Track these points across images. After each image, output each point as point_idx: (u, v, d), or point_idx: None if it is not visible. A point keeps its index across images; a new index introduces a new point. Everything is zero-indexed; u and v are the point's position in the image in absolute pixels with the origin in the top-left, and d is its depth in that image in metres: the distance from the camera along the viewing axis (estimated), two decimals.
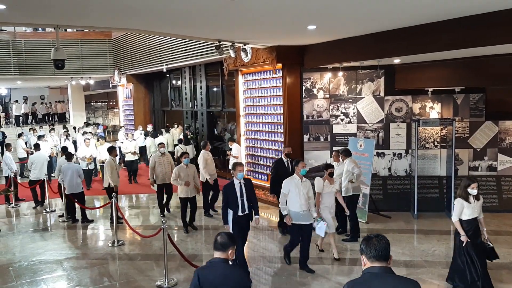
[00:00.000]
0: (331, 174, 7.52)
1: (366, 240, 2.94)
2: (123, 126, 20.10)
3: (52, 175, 13.32)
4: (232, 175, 6.89)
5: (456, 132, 9.92)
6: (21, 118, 27.94)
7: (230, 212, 6.74)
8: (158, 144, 11.42)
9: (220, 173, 12.76)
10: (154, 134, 16.22)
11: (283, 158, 9.10)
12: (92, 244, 9.26)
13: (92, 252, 8.57)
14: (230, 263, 3.67)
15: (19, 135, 17.47)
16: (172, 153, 14.94)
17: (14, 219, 11.22)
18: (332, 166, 7.67)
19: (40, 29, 19.28)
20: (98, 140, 14.52)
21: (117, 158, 10.69)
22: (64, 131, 18.67)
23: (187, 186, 9.24)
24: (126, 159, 14.61)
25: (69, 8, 6.03)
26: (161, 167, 10.36)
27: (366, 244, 2.91)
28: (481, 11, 6.44)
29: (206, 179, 10.38)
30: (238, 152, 12.23)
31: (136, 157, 14.61)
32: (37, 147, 12.65)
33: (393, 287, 2.80)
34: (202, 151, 10.64)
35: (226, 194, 6.77)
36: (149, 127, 17.73)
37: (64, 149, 12.09)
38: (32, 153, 13.51)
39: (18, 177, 13.34)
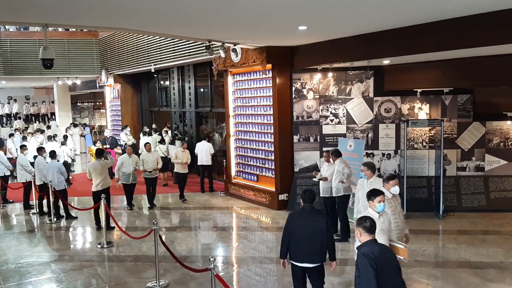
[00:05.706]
0: None
1: (361, 219, 4.23)
2: (126, 126, 17.72)
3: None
4: None
5: (444, 132, 10.02)
6: (4, 118, 27.49)
7: None
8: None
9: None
10: (149, 133, 15.96)
11: None
12: (81, 245, 9.17)
13: (81, 253, 8.47)
14: None
15: (10, 135, 17.17)
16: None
17: (1, 221, 11.04)
18: None
19: (22, 28, 18.93)
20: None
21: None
22: (54, 134, 18.29)
23: None
24: (175, 170, 12.23)
25: (59, 6, 5.95)
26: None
27: (360, 220, 4.23)
28: (470, 13, 6.51)
29: None
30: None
31: (186, 170, 12.08)
32: (22, 148, 12.09)
33: (383, 248, 4.20)
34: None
35: None
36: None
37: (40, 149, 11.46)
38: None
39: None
